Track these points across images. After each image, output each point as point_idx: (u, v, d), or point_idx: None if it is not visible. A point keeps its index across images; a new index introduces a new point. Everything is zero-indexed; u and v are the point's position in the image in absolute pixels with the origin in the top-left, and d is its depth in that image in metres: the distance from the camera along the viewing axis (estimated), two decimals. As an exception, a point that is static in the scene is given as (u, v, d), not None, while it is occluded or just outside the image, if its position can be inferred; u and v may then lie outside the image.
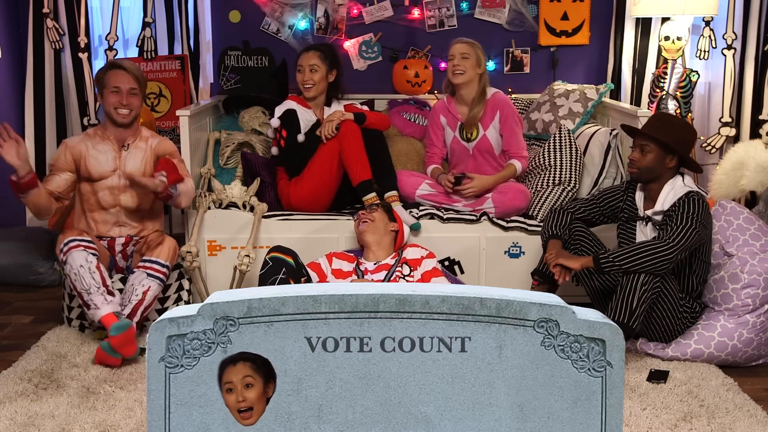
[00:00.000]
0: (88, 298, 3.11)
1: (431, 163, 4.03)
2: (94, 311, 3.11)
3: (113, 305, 3.13)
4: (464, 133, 3.96)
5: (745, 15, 4.58)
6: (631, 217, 3.29)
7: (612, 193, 3.36)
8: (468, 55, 3.83)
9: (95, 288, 3.11)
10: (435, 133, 4.04)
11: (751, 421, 2.66)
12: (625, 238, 3.31)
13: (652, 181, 3.21)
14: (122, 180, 3.42)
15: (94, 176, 3.40)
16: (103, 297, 3.11)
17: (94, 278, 3.12)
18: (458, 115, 3.96)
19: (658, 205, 3.17)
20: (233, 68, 4.44)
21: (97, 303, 3.10)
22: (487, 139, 3.92)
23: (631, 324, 2.99)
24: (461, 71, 3.84)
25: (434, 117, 4.05)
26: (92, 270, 3.13)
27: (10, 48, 4.58)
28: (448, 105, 4.00)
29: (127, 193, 3.44)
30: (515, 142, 3.93)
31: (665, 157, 3.15)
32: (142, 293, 3.21)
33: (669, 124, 3.20)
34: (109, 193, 3.42)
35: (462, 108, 3.96)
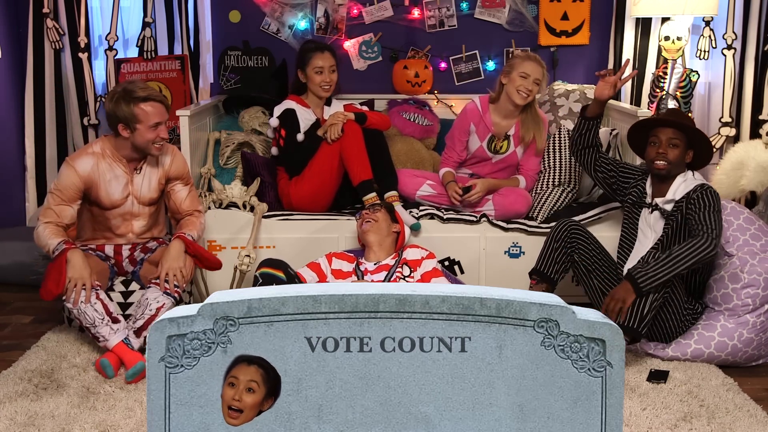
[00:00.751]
0: (95, 332, 3.07)
1: (445, 166, 3.93)
2: (104, 343, 3.07)
3: (121, 333, 3.09)
4: (493, 145, 3.87)
5: (745, 15, 4.58)
6: (636, 202, 3.30)
7: (631, 170, 3.40)
8: (541, 81, 3.72)
9: (99, 320, 3.06)
10: (459, 138, 3.89)
11: (751, 421, 2.66)
12: (627, 224, 3.34)
13: (674, 176, 3.24)
14: (135, 205, 3.31)
15: (106, 205, 3.26)
16: (109, 327, 3.07)
17: (97, 310, 3.07)
18: (491, 127, 3.84)
19: (670, 194, 3.19)
20: (233, 68, 4.44)
21: (104, 335, 3.06)
22: (515, 155, 3.88)
23: (640, 329, 2.99)
24: (528, 94, 3.71)
25: (462, 121, 3.89)
26: (93, 301, 3.07)
27: (10, 48, 4.58)
28: (482, 113, 3.85)
29: (140, 217, 3.35)
30: (533, 161, 3.91)
31: (686, 153, 3.21)
32: (156, 309, 3.16)
33: (686, 118, 3.27)
34: (122, 219, 3.32)
35: (498, 119, 3.84)
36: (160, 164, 3.34)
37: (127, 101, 3.13)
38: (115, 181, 3.24)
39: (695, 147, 3.22)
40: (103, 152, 3.24)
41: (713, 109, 4.77)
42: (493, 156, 3.89)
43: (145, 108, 3.14)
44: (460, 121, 3.92)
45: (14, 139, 4.63)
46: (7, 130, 4.57)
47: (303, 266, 3.37)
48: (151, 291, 3.21)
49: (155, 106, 3.16)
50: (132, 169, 3.28)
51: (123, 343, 3.06)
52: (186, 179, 3.43)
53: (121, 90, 3.17)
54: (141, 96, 3.14)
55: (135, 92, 3.14)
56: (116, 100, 3.15)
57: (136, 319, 3.17)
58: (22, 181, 4.69)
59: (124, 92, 3.15)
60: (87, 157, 3.22)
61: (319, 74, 3.90)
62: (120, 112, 3.14)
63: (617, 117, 4.16)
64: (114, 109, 3.15)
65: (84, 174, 3.19)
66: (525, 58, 3.73)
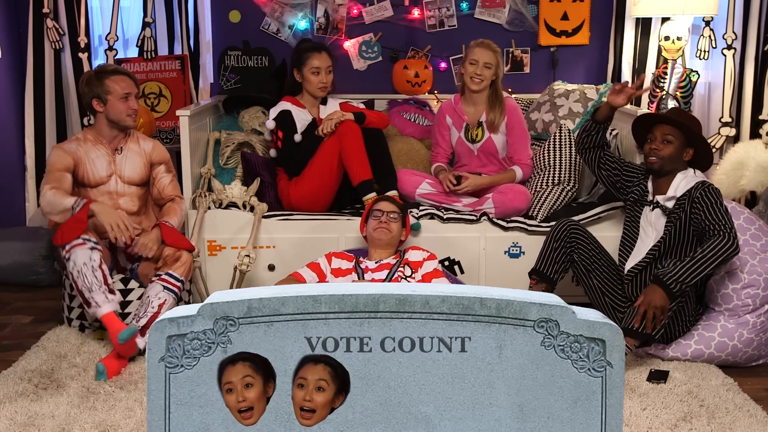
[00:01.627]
0: (89, 296, 3.11)
1: (435, 162, 4.04)
2: (95, 309, 3.10)
3: (113, 304, 3.13)
4: (469, 134, 3.95)
5: (745, 15, 4.58)
6: (638, 200, 3.30)
7: (634, 169, 3.40)
8: (491, 64, 3.81)
9: (97, 286, 3.11)
10: (440, 133, 4.03)
11: (751, 421, 2.66)
12: (629, 222, 3.34)
13: (670, 173, 3.23)
14: (120, 184, 3.43)
15: (92, 182, 3.40)
16: (105, 295, 3.11)
17: (96, 276, 3.12)
18: (464, 116, 3.95)
19: (671, 191, 3.19)
20: (233, 68, 4.43)
21: (98, 301, 3.10)
22: (492, 142, 3.92)
23: (655, 334, 3.01)
24: (481, 79, 3.83)
25: (440, 117, 4.04)
26: (95, 268, 3.13)
27: (10, 48, 4.58)
28: (455, 105, 3.99)
29: (126, 197, 3.45)
30: (521, 149, 3.93)
31: (683, 150, 3.20)
32: (158, 306, 3.21)
33: (687, 117, 3.25)
34: (108, 198, 3.41)
35: (469, 108, 3.95)
36: (141, 148, 3.51)
37: (99, 77, 3.39)
38: (98, 160, 3.41)
39: (695, 145, 3.22)
40: (85, 138, 3.46)
41: (713, 109, 4.77)
42: (472, 145, 3.94)
43: (115, 80, 3.38)
44: (437, 117, 4.07)
45: (14, 139, 4.63)
46: (7, 130, 4.58)
47: (303, 266, 3.37)
48: (152, 288, 3.24)
49: (123, 78, 3.40)
50: (113, 149, 3.46)
51: (114, 314, 3.11)
52: (168, 166, 3.59)
53: (92, 71, 3.49)
54: (109, 70, 3.42)
55: (104, 68, 3.45)
56: (88, 80, 3.41)
57: (140, 318, 3.18)
58: (22, 181, 4.69)
59: (95, 72, 3.44)
60: (72, 141, 3.46)
61: (316, 75, 3.89)
62: (92, 90, 3.38)
63: (617, 117, 4.14)
64: (87, 89, 3.40)
65: (71, 151, 3.39)
66: (474, 45, 3.86)
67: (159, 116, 4.65)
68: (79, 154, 3.39)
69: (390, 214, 3.39)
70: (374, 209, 3.43)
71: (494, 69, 3.83)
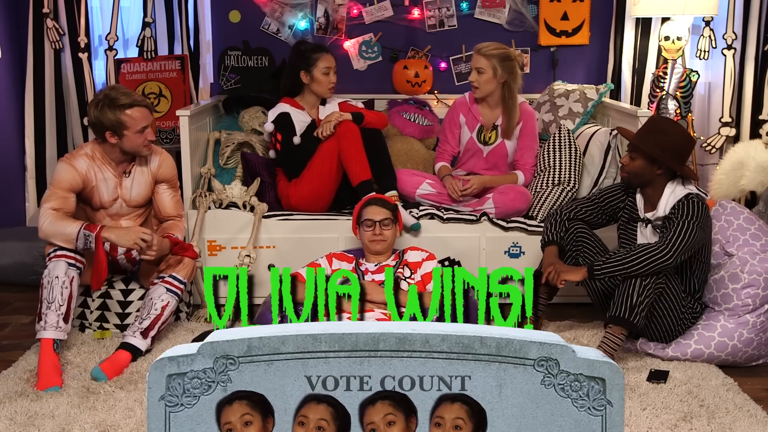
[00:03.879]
0: (44, 311, 3.01)
1: (440, 160, 4.00)
2: (41, 327, 3.00)
3: (60, 332, 3.01)
4: (482, 135, 3.92)
5: (745, 15, 4.58)
6: (631, 218, 3.28)
7: (612, 193, 3.34)
8: (483, 69, 3.77)
9: (56, 306, 3.01)
10: (451, 130, 3.99)
11: (751, 421, 2.66)
12: (625, 239, 3.30)
13: (645, 186, 3.19)
14: (123, 207, 3.33)
15: (96, 205, 3.28)
16: (57, 320, 3.00)
17: (62, 295, 3.02)
18: (479, 117, 3.92)
19: (660, 209, 3.14)
20: (233, 68, 4.43)
21: (48, 321, 2.99)
22: (504, 146, 3.91)
23: (633, 320, 2.98)
24: (476, 86, 3.81)
25: (453, 114, 3.99)
26: (65, 285, 3.03)
27: (10, 48, 4.58)
28: (470, 104, 3.95)
29: (128, 218, 3.36)
30: (527, 154, 3.93)
31: (652, 166, 3.12)
32: (161, 308, 3.17)
33: (660, 132, 3.11)
34: (110, 220, 3.32)
35: (484, 110, 3.92)
36: (148, 167, 3.34)
37: (112, 109, 3.12)
38: (104, 183, 3.25)
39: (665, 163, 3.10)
40: (93, 155, 3.25)
41: (713, 109, 4.77)
42: (483, 147, 3.91)
43: (131, 114, 3.14)
44: (450, 113, 4.01)
45: (14, 139, 4.63)
46: (7, 130, 4.58)
47: (303, 266, 3.37)
48: (155, 290, 3.22)
49: (140, 111, 3.16)
50: (121, 172, 3.29)
51: (52, 343, 2.99)
52: (173, 183, 3.43)
53: (104, 97, 3.16)
54: (125, 103, 3.13)
55: (119, 99, 3.13)
56: (101, 108, 3.13)
57: (142, 320, 3.16)
58: (22, 181, 4.69)
59: (108, 99, 3.14)
60: (82, 157, 3.23)
61: (327, 75, 3.90)
62: (106, 120, 3.13)
63: (617, 117, 4.16)
64: (99, 117, 3.14)
65: (82, 171, 3.20)
66: (473, 50, 3.85)
67: (159, 116, 4.65)
68: (89, 176, 3.21)
69: (382, 223, 3.30)
70: (364, 218, 3.33)
71: (489, 73, 3.77)
